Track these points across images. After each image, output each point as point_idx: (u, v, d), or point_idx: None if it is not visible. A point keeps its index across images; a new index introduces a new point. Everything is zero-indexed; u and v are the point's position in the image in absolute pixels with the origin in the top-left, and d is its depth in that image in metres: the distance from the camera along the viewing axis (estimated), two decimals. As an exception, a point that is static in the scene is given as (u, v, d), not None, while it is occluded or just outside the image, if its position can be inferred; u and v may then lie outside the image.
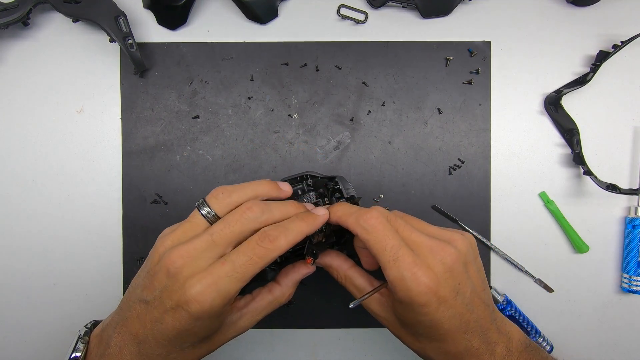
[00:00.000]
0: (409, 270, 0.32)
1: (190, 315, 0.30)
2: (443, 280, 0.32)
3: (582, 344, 0.49)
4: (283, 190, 0.38)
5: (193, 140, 0.48)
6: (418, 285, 0.31)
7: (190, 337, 0.32)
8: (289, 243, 0.33)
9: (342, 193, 0.40)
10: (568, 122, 0.48)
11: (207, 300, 0.30)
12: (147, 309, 0.32)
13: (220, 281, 0.30)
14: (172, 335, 0.31)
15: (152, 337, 0.32)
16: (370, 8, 0.48)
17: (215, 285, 0.30)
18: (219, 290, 0.30)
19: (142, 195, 0.48)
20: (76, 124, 0.48)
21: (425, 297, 0.31)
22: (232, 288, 0.31)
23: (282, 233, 0.32)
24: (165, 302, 0.31)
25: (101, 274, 0.48)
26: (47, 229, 0.48)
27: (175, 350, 0.32)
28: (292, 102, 0.48)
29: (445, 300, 0.32)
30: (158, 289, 0.32)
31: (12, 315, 0.48)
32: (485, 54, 0.48)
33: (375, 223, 0.33)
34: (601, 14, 0.49)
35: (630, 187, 0.48)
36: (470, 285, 0.34)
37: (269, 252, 0.32)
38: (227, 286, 0.30)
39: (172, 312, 0.31)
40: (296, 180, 0.42)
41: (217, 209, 0.34)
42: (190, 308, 0.30)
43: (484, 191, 0.48)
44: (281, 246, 0.32)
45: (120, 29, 0.44)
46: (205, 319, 0.31)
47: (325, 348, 0.49)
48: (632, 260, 0.47)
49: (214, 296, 0.30)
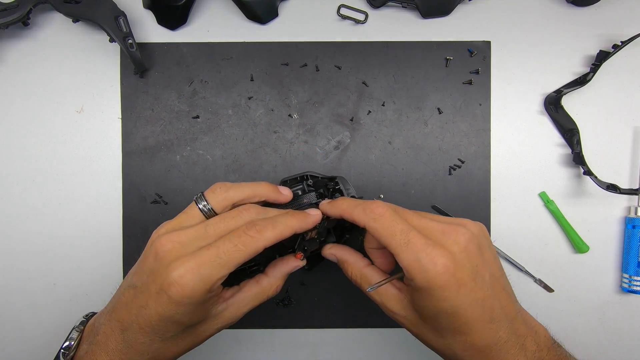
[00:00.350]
0: (423, 251, 0.30)
1: (171, 300, 0.30)
2: (460, 260, 0.30)
3: (582, 344, 0.49)
4: (282, 194, 0.38)
5: (193, 140, 0.48)
6: (435, 265, 0.29)
7: (174, 326, 0.31)
8: (276, 235, 0.32)
9: (343, 193, 0.40)
10: (568, 122, 0.48)
11: (188, 283, 0.29)
12: (135, 294, 0.32)
13: (204, 265, 0.30)
14: (155, 322, 0.31)
15: (136, 324, 0.31)
16: (370, 8, 0.48)
17: (197, 269, 0.30)
18: (201, 275, 0.30)
19: (142, 195, 0.48)
20: (76, 124, 0.48)
21: (443, 278, 0.29)
22: (215, 274, 0.30)
23: (270, 224, 0.32)
24: (150, 286, 0.31)
25: (101, 274, 0.48)
26: (47, 229, 0.48)
27: (157, 339, 0.32)
28: (292, 102, 0.48)
29: (465, 283, 0.30)
30: (146, 273, 0.32)
31: (12, 315, 0.48)
32: (485, 54, 0.48)
33: (381, 211, 0.32)
34: (601, 14, 0.49)
35: (630, 187, 0.48)
36: (488, 269, 0.32)
37: (255, 242, 0.31)
38: (209, 271, 0.30)
39: (156, 297, 0.30)
40: (296, 180, 0.42)
41: (213, 204, 0.34)
42: (171, 292, 0.29)
43: (484, 191, 0.48)
44: (268, 237, 0.32)
45: (120, 29, 0.44)
46: (187, 305, 0.30)
47: (325, 348, 0.49)
48: (632, 260, 0.47)
49: (196, 280, 0.29)
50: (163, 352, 0.33)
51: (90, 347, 0.33)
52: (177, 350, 0.33)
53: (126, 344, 0.32)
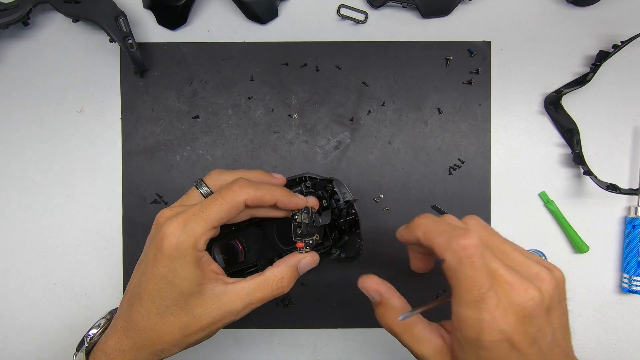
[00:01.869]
0: (490, 314, 0.27)
1: (163, 254, 0.31)
2: (520, 326, 0.28)
3: (582, 344, 0.49)
4: (275, 177, 0.39)
5: (193, 140, 0.48)
6: (492, 330, 0.27)
7: (168, 289, 0.32)
8: (257, 195, 0.33)
9: (339, 197, 0.40)
10: (568, 122, 0.48)
11: (174, 234, 0.31)
12: (138, 266, 0.34)
13: (188, 219, 0.32)
14: (152, 286, 0.32)
15: (137, 295, 0.33)
16: (370, 8, 0.48)
17: (183, 222, 0.32)
18: (185, 227, 0.31)
19: (142, 195, 0.48)
20: (76, 124, 0.48)
21: (497, 344, 0.28)
22: (198, 226, 0.31)
23: (253, 184, 0.34)
24: (149, 252, 0.33)
25: (101, 274, 0.48)
26: (47, 229, 0.48)
27: (154, 311, 0.32)
28: (292, 102, 0.48)
29: (519, 349, 0.28)
30: (147, 243, 0.34)
31: (12, 315, 0.48)
32: (485, 54, 0.48)
33: (472, 252, 0.27)
34: (601, 14, 0.49)
35: (630, 187, 0.48)
36: (551, 332, 0.29)
37: (235, 195, 0.32)
38: (193, 224, 0.31)
39: (153, 259, 0.32)
40: (295, 181, 0.42)
41: (210, 185, 0.36)
42: (163, 245, 0.31)
43: (484, 191, 0.48)
44: (248, 193, 0.33)
45: (120, 29, 0.44)
46: (176, 260, 0.31)
47: (325, 348, 0.49)
48: (632, 260, 0.47)
49: (180, 232, 0.31)
50: (160, 330, 0.33)
51: (107, 331, 0.35)
52: (174, 330, 0.33)
53: (129, 320, 0.33)
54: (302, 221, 0.37)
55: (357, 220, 0.41)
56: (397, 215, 0.48)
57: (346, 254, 0.42)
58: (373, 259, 0.48)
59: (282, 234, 0.42)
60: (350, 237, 0.42)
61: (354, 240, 0.42)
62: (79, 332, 0.48)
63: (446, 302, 0.31)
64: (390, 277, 0.48)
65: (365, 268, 0.48)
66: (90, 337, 0.35)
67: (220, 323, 0.33)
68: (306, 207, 0.37)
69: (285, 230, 0.41)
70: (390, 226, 0.48)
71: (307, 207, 0.38)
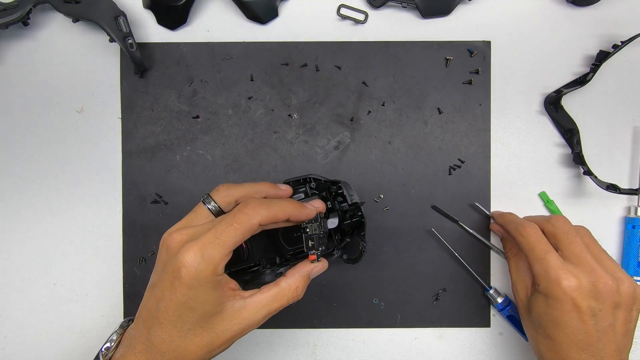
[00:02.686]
0: (555, 270, 0.37)
1: (182, 283, 0.31)
2: (585, 294, 0.36)
3: (582, 344, 0.49)
4: (281, 189, 0.39)
5: (193, 140, 0.48)
6: (558, 284, 0.36)
7: (189, 314, 0.32)
8: (270, 214, 0.33)
9: (346, 199, 0.40)
10: (568, 122, 0.48)
11: (193, 264, 0.31)
12: (153, 291, 0.34)
13: (205, 247, 0.31)
14: (171, 312, 0.32)
15: (156, 320, 0.32)
16: (370, 8, 0.48)
17: (200, 251, 0.31)
18: (204, 255, 0.31)
19: (142, 195, 0.48)
20: (76, 124, 0.48)
21: (562, 294, 0.36)
22: (216, 253, 0.31)
23: (265, 204, 0.34)
24: (165, 278, 0.32)
25: (101, 274, 0.48)
26: (47, 228, 0.48)
27: (176, 334, 0.32)
28: (292, 102, 0.48)
29: (580, 311, 0.36)
30: (160, 269, 0.33)
31: (12, 315, 0.48)
32: (485, 54, 0.48)
33: (529, 231, 0.40)
34: (601, 14, 0.49)
35: (630, 187, 0.48)
36: (612, 321, 0.37)
37: (249, 218, 0.32)
38: (210, 251, 0.31)
39: (170, 286, 0.32)
40: (299, 182, 0.42)
41: (218, 201, 0.36)
42: (181, 275, 0.31)
43: (484, 191, 0.48)
44: (262, 214, 0.33)
45: (120, 29, 0.44)
46: (197, 288, 0.31)
47: (325, 348, 0.49)
48: (632, 260, 0.47)
49: (199, 260, 0.31)
50: (184, 351, 0.33)
51: (123, 350, 0.34)
52: (197, 349, 0.33)
53: (149, 344, 0.33)
54: (313, 233, 0.37)
55: (363, 222, 0.41)
56: (397, 215, 0.48)
57: (348, 256, 0.42)
58: (373, 259, 0.48)
59: (286, 233, 0.42)
60: (353, 239, 0.42)
61: (356, 242, 0.41)
62: (79, 332, 0.48)
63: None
64: (390, 276, 0.48)
65: (365, 268, 0.48)
66: (104, 352, 0.35)
67: (241, 335, 0.35)
68: (316, 216, 0.37)
69: (289, 230, 0.41)
70: (391, 226, 0.48)
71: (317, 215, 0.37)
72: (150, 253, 0.48)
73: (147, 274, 0.48)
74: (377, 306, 0.48)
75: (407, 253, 0.48)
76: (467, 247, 0.48)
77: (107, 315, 0.48)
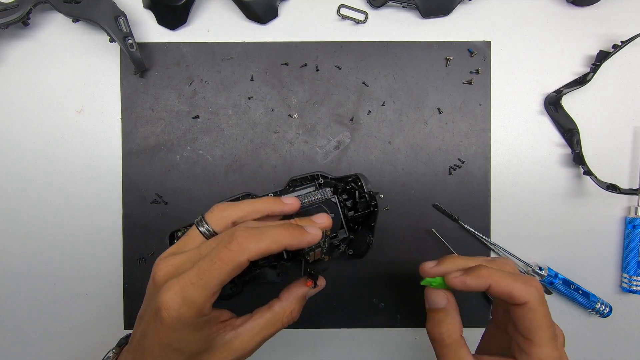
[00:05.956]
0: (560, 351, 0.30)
1: (164, 325, 0.28)
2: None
3: (582, 344, 0.49)
4: (287, 204, 0.34)
5: (193, 140, 0.48)
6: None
7: (175, 355, 0.29)
8: (259, 250, 0.28)
9: (363, 189, 0.40)
10: (568, 122, 0.48)
11: (173, 307, 0.28)
12: (141, 323, 0.31)
13: (186, 288, 0.28)
14: (156, 352, 0.29)
15: (143, 358, 0.30)
16: (370, 8, 0.48)
17: (181, 292, 0.28)
18: (184, 298, 0.28)
19: (142, 195, 0.48)
20: (76, 124, 0.48)
21: None
22: (198, 296, 0.28)
23: (254, 236, 0.29)
24: (149, 314, 0.30)
25: (101, 274, 0.48)
26: (47, 229, 0.48)
27: None
28: (292, 102, 0.48)
29: None
30: (147, 300, 0.31)
31: (12, 315, 0.48)
32: (485, 54, 0.48)
33: (542, 293, 0.31)
34: (601, 14, 0.49)
35: (630, 187, 0.48)
36: None
37: (235, 255, 0.28)
38: (192, 294, 0.28)
39: (153, 323, 0.29)
40: (307, 179, 0.42)
41: (212, 224, 0.32)
42: (161, 315, 0.28)
43: (484, 191, 0.48)
44: (249, 250, 0.28)
45: (120, 29, 0.44)
46: (180, 331, 0.28)
47: (325, 348, 0.49)
48: (632, 260, 0.47)
49: (180, 303, 0.28)
50: None
51: None
52: None
53: None
54: (314, 259, 0.33)
55: (376, 212, 0.40)
56: (397, 215, 0.48)
57: (354, 251, 0.42)
58: (373, 259, 0.48)
59: None
60: (359, 233, 0.42)
61: (362, 237, 0.41)
62: (79, 332, 0.48)
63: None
64: (390, 276, 0.48)
65: (365, 268, 0.48)
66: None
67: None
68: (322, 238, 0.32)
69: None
70: (390, 226, 0.48)
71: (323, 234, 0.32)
72: (150, 253, 0.48)
73: (147, 274, 0.47)
74: (377, 306, 0.48)
75: (407, 253, 0.48)
76: (467, 247, 0.48)
77: (107, 315, 0.48)
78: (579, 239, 0.48)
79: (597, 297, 0.47)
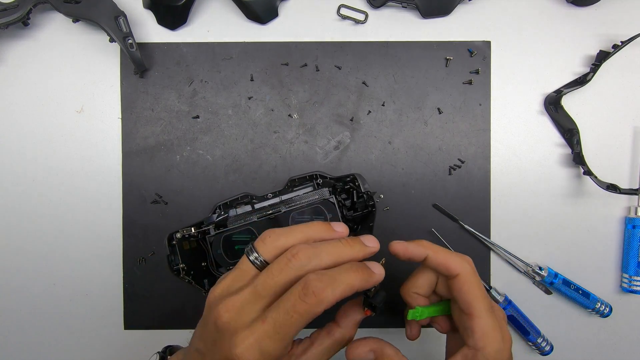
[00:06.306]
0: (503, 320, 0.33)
1: None
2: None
3: (582, 344, 0.49)
4: (337, 231, 0.34)
5: (193, 140, 0.48)
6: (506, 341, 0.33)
7: None
8: (336, 297, 0.29)
9: (360, 189, 0.40)
10: (568, 122, 0.48)
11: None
12: (202, 359, 0.31)
13: (262, 341, 0.28)
14: None
15: None
16: (370, 8, 0.48)
17: (257, 345, 0.28)
18: (262, 351, 0.28)
19: (142, 195, 0.48)
20: (76, 124, 0.48)
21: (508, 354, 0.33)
22: (275, 348, 0.28)
23: (329, 285, 0.29)
24: (215, 355, 0.30)
25: (101, 274, 0.48)
26: (47, 229, 0.48)
27: None
28: (292, 102, 0.48)
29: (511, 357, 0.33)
30: (209, 341, 0.31)
31: (12, 315, 0.48)
32: (485, 54, 0.48)
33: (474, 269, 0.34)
34: (601, 14, 0.49)
35: (630, 187, 0.48)
36: None
37: (312, 308, 0.28)
38: (269, 346, 0.28)
39: None
40: (305, 179, 0.42)
41: (264, 254, 0.31)
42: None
43: (484, 191, 0.48)
44: (328, 300, 0.29)
45: (120, 29, 0.44)
46: None
47: (325, 348, 0.49)
48: (632, 260, 0.47)
49: (257, 357, 0.28)
50: None
51: None
52: None
53: None
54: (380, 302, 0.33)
55: (373, 212, 0.41)
56: (397, 215, 0.48)
57: None
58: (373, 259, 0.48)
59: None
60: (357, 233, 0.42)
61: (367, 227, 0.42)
62: (79, 332, 0.48)
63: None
64: (390, 276, 0.48)
65: (365, 268, 0.48)
66: None
67: None
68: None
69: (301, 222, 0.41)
70: (390, 226, 0.48)
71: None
72: (150, 253, 0.48)
73: (147, 274, 0.48)
74: (377, 306, 0.48)
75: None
76: (467, 247, 0.48)
77: (107, 315, 0.48)
78: (578, 239, 0.48)
79: (597, 297, 0.47)
